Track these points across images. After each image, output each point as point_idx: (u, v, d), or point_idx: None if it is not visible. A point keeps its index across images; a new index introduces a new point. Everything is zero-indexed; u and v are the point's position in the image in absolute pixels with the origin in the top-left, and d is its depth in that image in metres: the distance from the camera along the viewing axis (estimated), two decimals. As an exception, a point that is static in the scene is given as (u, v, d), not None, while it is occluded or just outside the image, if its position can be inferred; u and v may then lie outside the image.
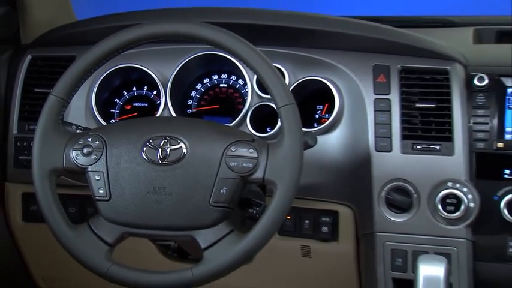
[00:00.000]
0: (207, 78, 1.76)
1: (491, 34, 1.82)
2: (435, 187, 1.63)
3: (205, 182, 1.38)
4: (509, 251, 1.63)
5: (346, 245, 1.72)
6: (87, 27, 1.77)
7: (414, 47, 1.67)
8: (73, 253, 1.40)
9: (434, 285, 1.52)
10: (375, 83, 1.67)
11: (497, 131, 1.63)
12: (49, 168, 1.42)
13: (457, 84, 1.64)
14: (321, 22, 1.70)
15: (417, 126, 1.65)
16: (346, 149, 1.66)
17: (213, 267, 1.37)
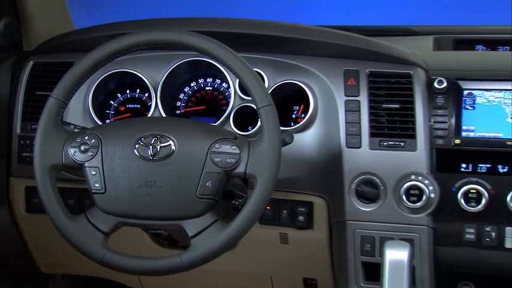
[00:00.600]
0: (193, 81, 1.76)
1: (448, 42, 1.82)
2: (400, 180, 1.63)
3: (192, 176, 1.38)
4: (465, 237, 1.63)
5: (320, 233, 1.72)
6: (84, 36, 1.76)
7: (381, 54, 1.68)
8: (71, 241, 1.40)
9: (399, 268, 1.52)
10: (346, 86, 1.67)
11: (454, 129, 1.63)
12: (49, 164, 1.42)
13: (419, 87, 1.65)
14: (297, 31, 1.70)
15: (384, 124, 1.65)
16: (320, 145, 1.66)
17: (200, 254, 1.37)
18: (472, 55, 1.77)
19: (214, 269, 1.54)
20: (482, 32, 1.88)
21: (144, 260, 1.40)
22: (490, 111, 1.64)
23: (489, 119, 1.64)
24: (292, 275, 1.89)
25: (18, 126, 1.78)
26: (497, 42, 1.82)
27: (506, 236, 1.61)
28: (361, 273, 1.67)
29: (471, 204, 1.60)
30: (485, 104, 1.64)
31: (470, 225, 1.63)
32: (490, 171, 1.62)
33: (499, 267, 1.64)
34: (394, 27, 1.93)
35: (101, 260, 1.39)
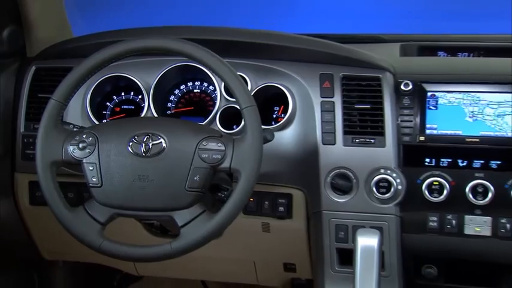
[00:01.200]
0: (183, 85, 1.76)
1: (413, 49, 1.83)
2: (370, 173, 1.63)
3: (181, 171, 1.39)
4: (429, 225, 1.64)
5: (299, 222, 1.73)
6: (82, 43, 1.75)
7: (353, 59, 1.68)
8: (71, 231, 1.41)
9: (370, 253, 1.53)
10: (321, 88, 1.67)
11: (419, 127, 1.64)
12: (50, 160, 1.42)
13: (388, 89, 1.65)
14: (277, 38, 1.69)
15: (356, 123, 1.65)
16: (298, 142, 1.66)
17: (189, 242, 1.37)
18: (435, 60, 1.78)
19: (202, 256, 1.53)
20: (443, 40, 1.89)
21: (138, 247, 1.40)
22: (451, 111, 1.64)
23: (450, 118, 1.64)
24: (273, 260, 1.89)
25: (22, 125, 1.77)
26: (457, 49, 1.83)
27: (465, 224, 1.62)
28: (335, 258, 1.67)
29: (434, 195, 1.61)
30: (446, 104, 1.64)
31: (434, 214, 1.64)
32: (451, 165, 1.62)
33: (459, 252, 1.65)
34: (365, 35, 1.94)
35: (98, 248, 1.40)
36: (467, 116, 1.63)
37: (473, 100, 1.64)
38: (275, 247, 1.81)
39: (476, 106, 1.63)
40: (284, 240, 1.77)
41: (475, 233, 1.62)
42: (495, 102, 1.62)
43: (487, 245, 1.62)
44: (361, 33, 1.94)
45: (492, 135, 1.61)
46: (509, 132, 1.61)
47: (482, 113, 1.63)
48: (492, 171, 1.60)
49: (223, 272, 2.02)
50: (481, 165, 1.61)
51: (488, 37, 1.91)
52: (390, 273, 1.65)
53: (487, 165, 1.61)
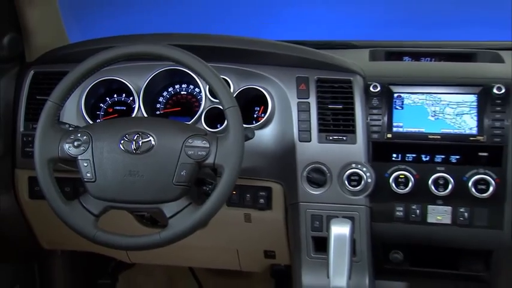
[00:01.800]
0: (171, 87, 1.75)
1: (381, 54, 1.83)
2: (343, 168, 1.64)
3: (169, 167, 1.38)
4: (395, 214, 1.65)
5: (278, 213, 1.73)
6: (77, 49, 1.74)
7: (327, 63, 1.68)
8: (67, 223, 1.40)
9: (342, 241, 1.54)
10: (298, 90, 1.67)
11: (387, 125, 1.64)
12: (47, 158, 1.42)
13: (358, 91, 1.66)
14: (258, 44, 1.69)
15: (329, 122, 1.66)
16: (277, 140, 1.67)
17: (176, 232, 1.37)
18: (401, 65, 1.78)
19: (189, 244, 1.53)
20: (408, 46, 1.90)
21: (129, 237, 1.40)
22: (415, 110, 1.65)
23: (414, 117, 1.64)
24: (254, 248, 1.89)
25: (22, 125, 1.75)
26: (420, 54, 1.84)
27: (428, 213, 1.63)
28: (311, 246, 1.68)
29: (400, 187, 1.62)
30: (411, 104, 1.65)
31: (400, 205, 1.65)
32: (415, 160, 1.63)
33: (423, 238, 1.66)
34: (337, 41, 1.94)
35: (93, 238, 1.39)
36: (430, 115, 1.64)
37: (435, 101, 1.64)
38: (256, 236, 1.81)
39: (438, 106, 1.64)
40: (264, 230, 1.77)
41: (437, 221, 1.63)
42: (454, 102, 1.63)
43: (448, 232, 1.64)
44: (334, 40, 1.94)
45: (452, 133, 1.62)
46: (467, 130, 1.62)
47: (443, 113, 1.64)
48: (452, 165, 1.61)
49: (208, 259, 2.01)
50: (442, 159, 1.62)
51: (448, 44, 1.92)
52: (361, 259, 1.65)
53: (447, 160, 1.62)
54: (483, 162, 1.60)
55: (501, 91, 1.61)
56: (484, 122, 1.61)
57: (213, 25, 2.48)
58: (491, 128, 1.60)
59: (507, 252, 1.65)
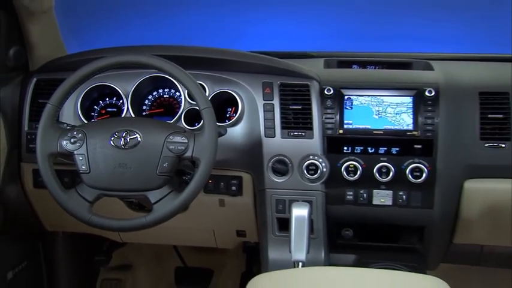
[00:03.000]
0: (155, 91, 1.73)
1: (334, 63, 1.83)
2: (302, 159, 1.64)
3: (153, 159, 1.38)
4: (346, 198, 1.66)
5: (248, 198, 1.73)
6: (74, 59, 1.72)
7: (288, 70, 1.68)
8: (66, 208, 1.39)
9: (302, 221, 1.54)
10: (264, 93, 1.67)
11: (339, 123, 1.65)
12: (48, 153, 1.40)
13: (314, 94, 1.66)
14: (229, 54, 1.69)
15: (291, 120, 1.65)
16: (246, 136, 1.66)
17: (160, 215, 1.37)
18: (350, 72, 1.78)
19: (172, 226, 1.52)
20: (357, 56, 1.90)
21: (120, 220, 1.40)
22: (362, 110, 1.65)
23: (362, 115, 1.65)
24: (228, 228, 1.89)
25: (26, 125, 1.72)
26: (367, 63, 1.84)
27: (373, 196, 1.65)
28: (276, 226, 1.68)
29: (350, 175, 1.63)
30: (359, 105, 1.66)
31: (350, 190, 1.66)
32: (363, 152, 1.64)
33: (369, 218, 1.68)
34: (297, 52, 1.93)
35: (88, 221, 1.39)
36: (374, 114, 1.65)
37: (379, 102, 1.65)
38: (229, 218, 1.81)
39: (381, 106, 1.65)
40: (236, 213, 1.78)
41: (381, 203, 1.65)
42: (394, 103, 1.65)
43: (390, 212, 1.66)
44: (294, 51, 1.94)
45: (392, 129, 1.63)
46: (405, 126, 1.63)
47: (385, 112, 1.64)
48: (392, 156, 1.63)
49: (189, 238, 2.00)
50: (385, 151, 1.63)
51: (389, 54, 1.93)
52: (318, 236, 1.66)
53: (389, 152, 1.63)
54: (418, 153, 1.62)
55: (432, 94, 1.63)
56: (418, 119, 1.62)
57: (193, 38, 2.47)
58: (424, 125, 1.62)
59: (436, 227, 1.67)
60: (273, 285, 1.17)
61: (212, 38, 2.45)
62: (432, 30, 2.16)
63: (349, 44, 2.22)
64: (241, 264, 2.25)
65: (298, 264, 1.53)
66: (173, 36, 2.48)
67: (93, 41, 2.04)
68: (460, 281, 1.62)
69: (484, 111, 1.62)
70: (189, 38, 2.46)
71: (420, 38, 2.17)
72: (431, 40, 2.15)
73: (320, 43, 2.15)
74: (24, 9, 1.64)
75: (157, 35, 2.51)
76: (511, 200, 1.62)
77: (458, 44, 2.12)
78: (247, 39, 2.42)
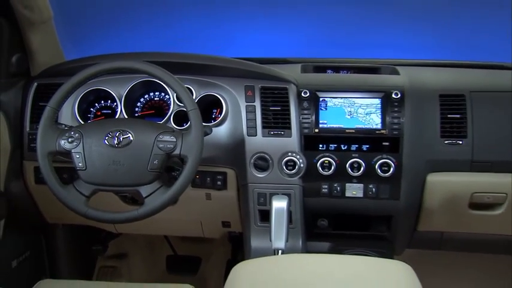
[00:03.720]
0: (146, 94, 1.72)
1: (310, 68, 1.83)
2: (281, 156, 1.63)
3: (144, 157, 1.37)
4: (322, 191, 1.66)
5: (232, 192, 1.72)
6: (71, 65, 1.70)
7: (268, 75, 1.68)
8: (64, 202, 1.39)
9: (281, 212, 1.56)
10: (246, 96, 1.66)
11: (314, 122, 1.65)
12: (47, 151, 1.40)
13: (292, 96, 1.66)
14: (214, 60, 1.68)
15: (271, 120, 1.65)
16: (230, 135, 1.65)
17: (151, 208, 1.37)
18: (325, 76, 1.79)
19: (163, 218, 1.52)
20: (331, 62, 1.89)
21: (114, 213, 1.39)
22: (335, 111, 1.66)
23: (335, 116, 1.65)
24: (214, 220, 1.88)
25: (28, 126, 1.70)
26: (340, 68, 1.84)
27: (346, 189, 1.65)
28: (258, 217, 1.68)
29: (325, 170, 1.63)
30: (333, 106, 1.66)
31: (325, 183, 1.65)
32: (336, 149, 1.64)
33: (342, 209, 1.68)
34: (276, 58, 1.93)
35: (85, 214, 1.38)
36: (347, 114, 1.65)
37: (350, 103, 1.65)
38: (215, 210, 1.79)
39: (353, 107, 1.65)
40: (221, 205, 1.77)
41: (353, 195, 1.66)
42: (364, 104, 1.65)
43: (361, 203, 1.66)
44: (274, 57, 1.93)
45: (363, 128, 1.64)
46: (374, 125, 1.64)
47: (357, 112, 1.65)
48: (363, 152, 1.63)
49: (179, 229, 1.99)
50: (356, 148, 1.64)
51: (360, 60, 1.93)
52: (296, 226, 1.66)
53: (360, 148, 1.63)
54: (385, 149, 1.63)
55: (398, 96, 1.64)
56: (386, 119, 1.63)
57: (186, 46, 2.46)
58: (391, 124, 1.62)
59: (402, 216, 1.68)
60: (254, 271, 1.17)
61: (202, 45, 2.45)
62: (398, 39, 2.18)
63: (324, 51, 2.22)
64: (227, 252, 2.26)
65: (278, 251, 1.53)
66: (166, 43, 2.47)
67: (90, 48, 2.02)
68: (423, 264, 1.63)
69: (443, 112, 1.64)
70: (181, 46, 2.46)
71: (387, 45, 2.19)
72: (397, 48, 2.17)
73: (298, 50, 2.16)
74: (26, 20, 1.62)
75: (151, 43, 2.49)
76: (467, 191, 1.64)
77: (421, 51, 2.15)
78: (234, 46, 2.42)
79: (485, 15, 2.11)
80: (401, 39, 2.17)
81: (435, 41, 2.15)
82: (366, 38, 2.22)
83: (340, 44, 2.25)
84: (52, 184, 1.38)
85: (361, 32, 2.23)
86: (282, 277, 1.12)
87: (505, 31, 2.08)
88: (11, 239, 1.77)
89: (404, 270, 1.17)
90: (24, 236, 1.90)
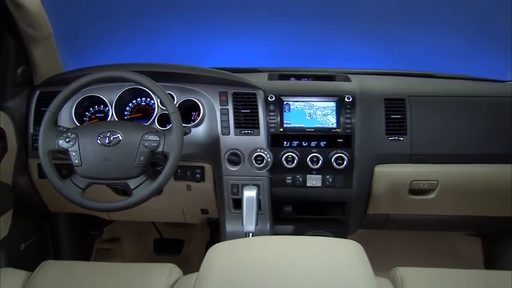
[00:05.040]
0: (134, 100, 1.71)
1: (276, 76, 1.84)
2: (251, 152, 1.63)
3: (132, 154, 1.37)
4: (286, 181, 1.65)
5: (209, 183, 1.72)
6: (68, 75, 1.68)
7: (239, 82, 1.68)
8: (63, 194, 1.39)
9: (251, 201, 1.57)
10: (220, 100, 1.66)
11: (279, 123, 1.65)
12: (47, 150, 1.39)
13: (260, 100, 1.66)
14: (193, 70, 1.67)
15: (242, 121, 1.65)
16: (207, 134, 1.65)
17: (138, 198, 1.37)
18: (288, 83, 1.79)
19: (150, 206, 1.52)
20: (293, 71, 1.91)
21: (106, 202, 1.39)
22: (297, 112, 1.66)
23: (297, 117, 1.66)
24: (194, 207, 1.87)
25: (31, 128, 1.69)
26: (301, 76, 1.85)
27: (307, 180, 1.65)
28: (231, 205, 1.68)
29: (289, 163, 1.63)
30: (295, 109, 1.66)
31: (289, 175, 1.66)
32: (298, 145, 1.64)
33: (304, 196, 1.69)
34: (247, 68, 1.93)
35: (81, 204, 1.38)
36: (307, 115, 1.66)
37: (310, 106, 1.66)
38: (195, 199, 1.80)
39: (312, 109, 1.66)
40: (200, 195, 1.77)
41: (313, 185, 1.66)
42: (322, 107, 1.66)
43: (319, 192, 1.67)
44: (245, 67, 1.93)
45: (321, 127, 1.64)
46: (330, 125, 1.64)
47: (315, 114, 1.65)
48: (321, 148, 1.64)
49: (164, 216, 1.98)
50: (315, 144, 1.64)
51: (318, 70, 1.94)
52: (264, 212, 1.66)
53: (318, 145, 1.64)
54: (340, 145, 1.64)
55: (350, 100, 1.65)
56: (340, 119, 1.64)
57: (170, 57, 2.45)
58: (344, 123, 1.64)
59: (354, 202, 1.70)
60: (228, 251, 1.16)
61: (183, 58, 2.44)
62: (350, 52, 2.21)
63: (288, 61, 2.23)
64: (206, 235, 2.25)
65: (249, 234, 1.55)
66: (152, 55, 2.45)
67: (85, 60, 2.00)
68: (371, 242, 1.66)
69: (387, 113, 1.66)
70: (165, 58, 2.44)
71: (341, 57, 2.21)
72: (349, 59, 2.19)
73: (265, 61, 2.16)
74: (29, 37, 1.60)
75: (140, 56, 2.47)
76: (407, 180, 1.67)
77: (368, 62, 2.17)
78: (211, 58, 2.43)
79: (420, 34, 2.16)
80: (353, 52, 2.20)
81: (380, 53, 2.19)
82: (324, 51, 2.24)
83: (301, 56, 2.27)
84: (52, 178, 1.38)
85: (320, 46, 2.25)
86: (252, 256, 1.11)
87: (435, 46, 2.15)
88: (19, 225, 1.75)
89: (354, 247, 1.18)
90: (31, 223, 1.88)
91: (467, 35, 2.08)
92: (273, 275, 1.03)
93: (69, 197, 1.37)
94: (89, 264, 1.44)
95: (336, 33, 2.21)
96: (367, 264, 1.07)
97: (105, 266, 1.40)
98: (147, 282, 1.29)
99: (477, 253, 2.09)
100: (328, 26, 2.19)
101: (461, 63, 2.07)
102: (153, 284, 1.28)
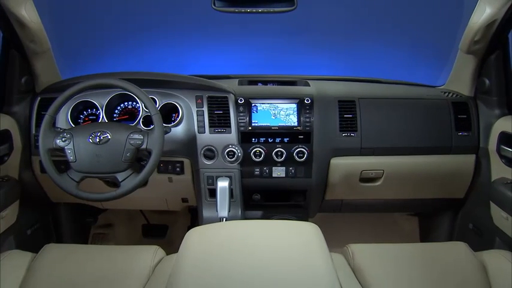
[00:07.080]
0: (122, 104, 1.72)
1: (245, 81, 1.84)
2: (224, 147, 1.64)
3: (119, 151, 1.39)
4: (255, 173, 1.66)
5: (188, 176, 1.72)
6: (65, 83, 1.69)
7: (213, 87, 1.69)
8: (60, 186, 1.41)
9: (224, 190, 1.57)
10: (197, 103, 1.67)
11: (248, 122, 1.66)
12: (46, 148, 1.41)
13: (231, 103, 1.67)
14: (173, 77, 1.68)
15: (215, 121, 1.66)
16: (185, 133, 1.66)
17: (126, 189, 1.39)
18: (256, 87, 1.80)
19: (136, 196, 1.55)
20: (261, 77, 1.92)
21: (97, 193, 1.41)
22: (264, 113, 1.67)
23: (264, 117, 1.67)
24: (176, 197, 1.88)
25: (33, 129, 1.70)
26: (267, 81, 1.85)
27: (273, 171, 1.67)
28: (207, 194, 1.68)
29: (257, 157, 1.64)
30: (262, 110, 1.67)
31: (257, 167, 1.67)
32: (265, 141, 1.66)
33: (270, 186, 1.70)
34: (220, 75, 1.93)
35: (76, 195, 1.39)
36: (272, 115, 1.67)
37: (275, 107, 1.67)
38: (176, 190, 1.80)
39: (276, 110, 1.67)
40: (181, 186, 1.77)
41: (278, 176, 1.67)
42: (285, 108, 1.67)
43: (284, 181, 1.69)
44: (219, 74, 1.94)
45: (284, 125, 1.65)
46: (292, 123, 1.65)
47: (279, 114, 1.67)
48: (285, 143, 1.65)
49: (150, 204, 1.99)
50: (279, 140, 1.65)
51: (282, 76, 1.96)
52: (236, 200, 1.67)
53: (282, 141, 1.65)
54: (301, 141, 1.65)
55: (309, 101, 1.66)
56: (301, 118, 1.65)
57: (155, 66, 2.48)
58: (304, 122, 1.65)
59: (313, 190, 1.72)
60: (204, 234, 1.16)
61: (167, 66, 2.47)
62: (308, 61, 2.27)
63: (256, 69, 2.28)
64: (187, 221, 2.25)
65: (222, 219, 1.56)
66: (142, 64, 2.48)
67: (80, 69, 2.03)
68: (329, 223, 1.69)
69: (341, 113, 1.68)
70: (151, 66, 2.47)
71: (301, 66, 2.26)
72: (308, 67, 2.25)
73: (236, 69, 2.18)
74: (31, 51, 1.63)
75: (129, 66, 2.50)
76: (358, 170, 1.70)
77: (324, 69, 2.24)
78: (189, 66, 2.46)
79: (368, 47, 2.24)
80: (311, 62, 2.26)
81: (335, 62, 2.26)
82: (287, 60, 2.30)
83: (267, 65, 2.31)
84: (51, 173, 1.40)
85: (283, 56, 2.30)
86: (224, 238, 1.12)
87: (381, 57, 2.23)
88: (25, 213, 1.76)
89: (312, 228, 1.17)
90: (35, 212, 1.88)
91: (407, 48, 2.17)
92: (242, 254, 1.04)
93: (65, 189, 1.39)
94: (86, 246, 1.46)
95: (297, 45, 2.27)
96: (323, 243, 1.08)
97: (100, 248, 1.41)
98: (136, 261, 1.31)
99: (414, 229, 2.14)
100: (290, 40, 2.24)
101: (403, 71, 2.17)
102: (140, 264, 1.30)
